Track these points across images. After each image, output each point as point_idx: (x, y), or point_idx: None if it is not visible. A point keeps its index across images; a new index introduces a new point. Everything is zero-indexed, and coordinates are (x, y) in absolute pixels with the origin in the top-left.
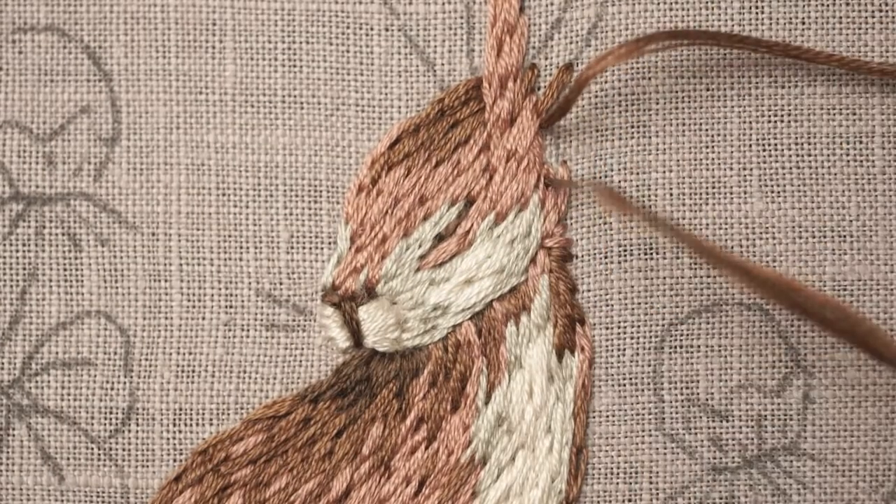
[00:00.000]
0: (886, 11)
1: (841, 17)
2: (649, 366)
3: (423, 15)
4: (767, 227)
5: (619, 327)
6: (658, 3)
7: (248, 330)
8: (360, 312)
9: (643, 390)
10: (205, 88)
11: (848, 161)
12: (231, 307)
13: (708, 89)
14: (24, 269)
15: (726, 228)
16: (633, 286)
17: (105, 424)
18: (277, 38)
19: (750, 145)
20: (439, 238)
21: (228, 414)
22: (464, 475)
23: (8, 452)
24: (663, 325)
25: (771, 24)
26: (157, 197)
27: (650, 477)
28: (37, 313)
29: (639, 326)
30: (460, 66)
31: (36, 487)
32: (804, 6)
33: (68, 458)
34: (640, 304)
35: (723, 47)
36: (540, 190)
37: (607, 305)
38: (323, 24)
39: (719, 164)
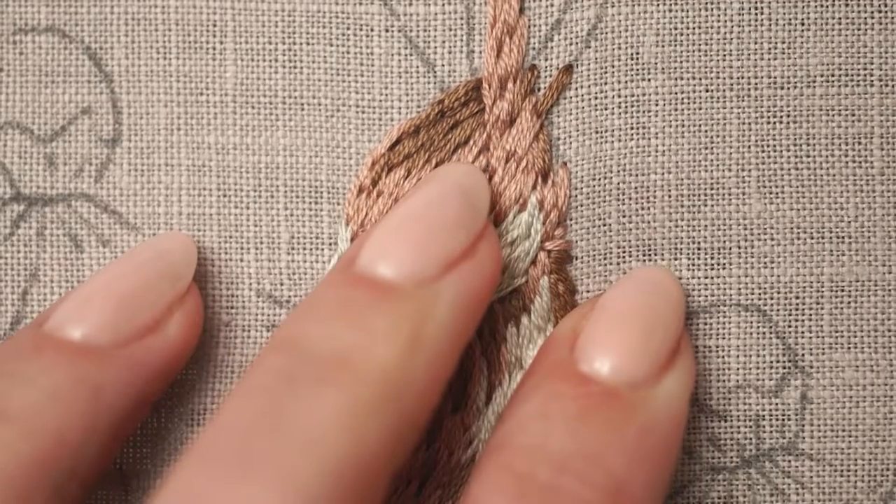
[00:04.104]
0: (886, 12)
1: (841, 18)
2: None
3: (423, 16)
4: (766, 228)
5: None
6: (657, 5)
7: (248, 330)
8: None
9: None
10: (206, 90)
11: (847, 162)
12: (231, 307)
13: (707, 90)
14: (26, 269)
15: (725, 229)
16: None
17: None
18: (278, 40)
19: (749, 146)
20: None
21: None
22: (464, 475)
23: None
24: None
25: (770, 24)
26: (158, 198)
27: None
28: (38, 314)
29: None
30: (460, 67)
31: None
32: (804, 6)
33: None
34: None
35: None
36: (538, 191)
37: None
38: (323, 25)
39: (718, 165)
